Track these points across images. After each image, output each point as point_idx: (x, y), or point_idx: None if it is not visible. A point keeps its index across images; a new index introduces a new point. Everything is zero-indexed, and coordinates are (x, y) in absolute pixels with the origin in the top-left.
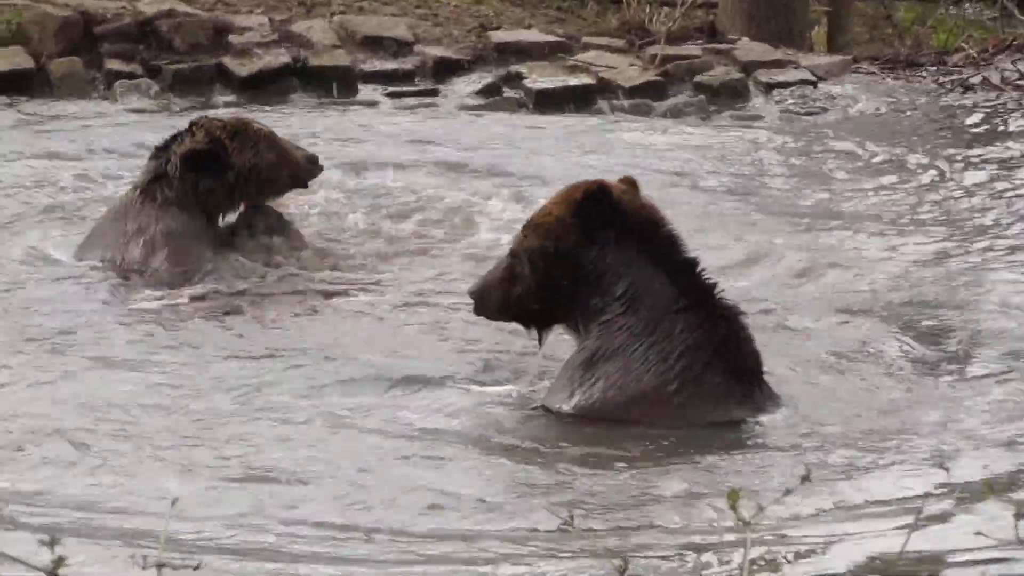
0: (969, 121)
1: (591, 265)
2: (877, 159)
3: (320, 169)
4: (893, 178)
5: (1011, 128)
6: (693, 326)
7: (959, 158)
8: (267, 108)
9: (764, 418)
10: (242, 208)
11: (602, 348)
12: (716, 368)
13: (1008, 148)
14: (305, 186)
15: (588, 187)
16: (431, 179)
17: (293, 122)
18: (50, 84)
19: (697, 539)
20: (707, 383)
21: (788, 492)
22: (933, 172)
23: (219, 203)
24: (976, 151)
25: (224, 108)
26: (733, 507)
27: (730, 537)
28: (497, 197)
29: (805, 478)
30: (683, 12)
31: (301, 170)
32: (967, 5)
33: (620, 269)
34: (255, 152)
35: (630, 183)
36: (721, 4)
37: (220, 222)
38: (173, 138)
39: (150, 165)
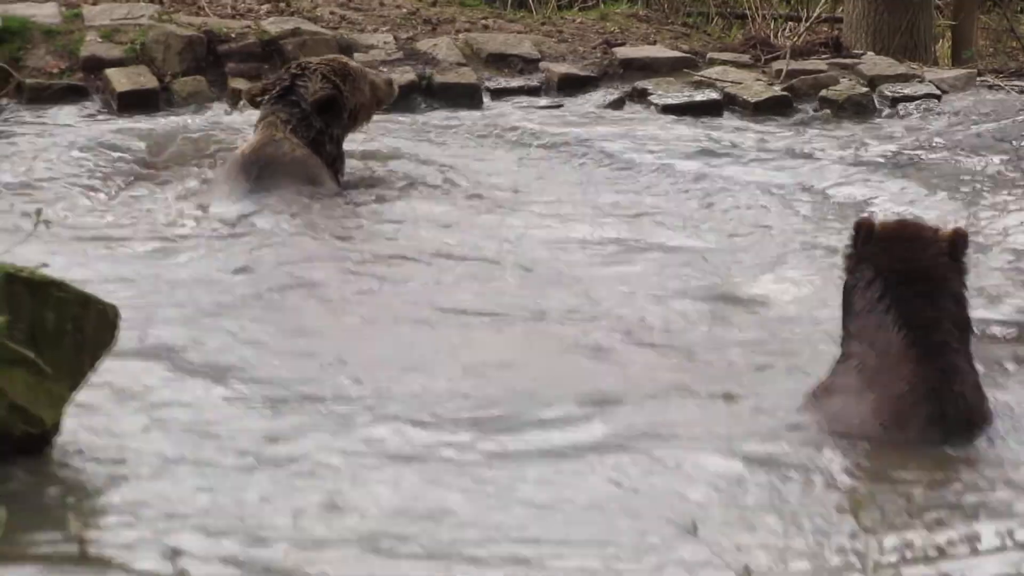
0: None
1: (844, 299)
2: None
3: (396, 90)
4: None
5: None
6: (914, 375)
7: None
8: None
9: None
10: None
11: (832, 382)
12: (922, 413)
13: None
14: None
15: (857, 222)
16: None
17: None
18: (173, 103)
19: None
20: (912, 427)
21: (910, 501)
22: None
23: (338, 143)
24: None
25: None
26: (856, 515)
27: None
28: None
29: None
30: (808, 27)
31: (385, 95)
32: None
33: (859, 309)
34: (360, 90)
35: (960, 235)
36: (846, 19)
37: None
38: (286, 88)
39: (289, 112)
